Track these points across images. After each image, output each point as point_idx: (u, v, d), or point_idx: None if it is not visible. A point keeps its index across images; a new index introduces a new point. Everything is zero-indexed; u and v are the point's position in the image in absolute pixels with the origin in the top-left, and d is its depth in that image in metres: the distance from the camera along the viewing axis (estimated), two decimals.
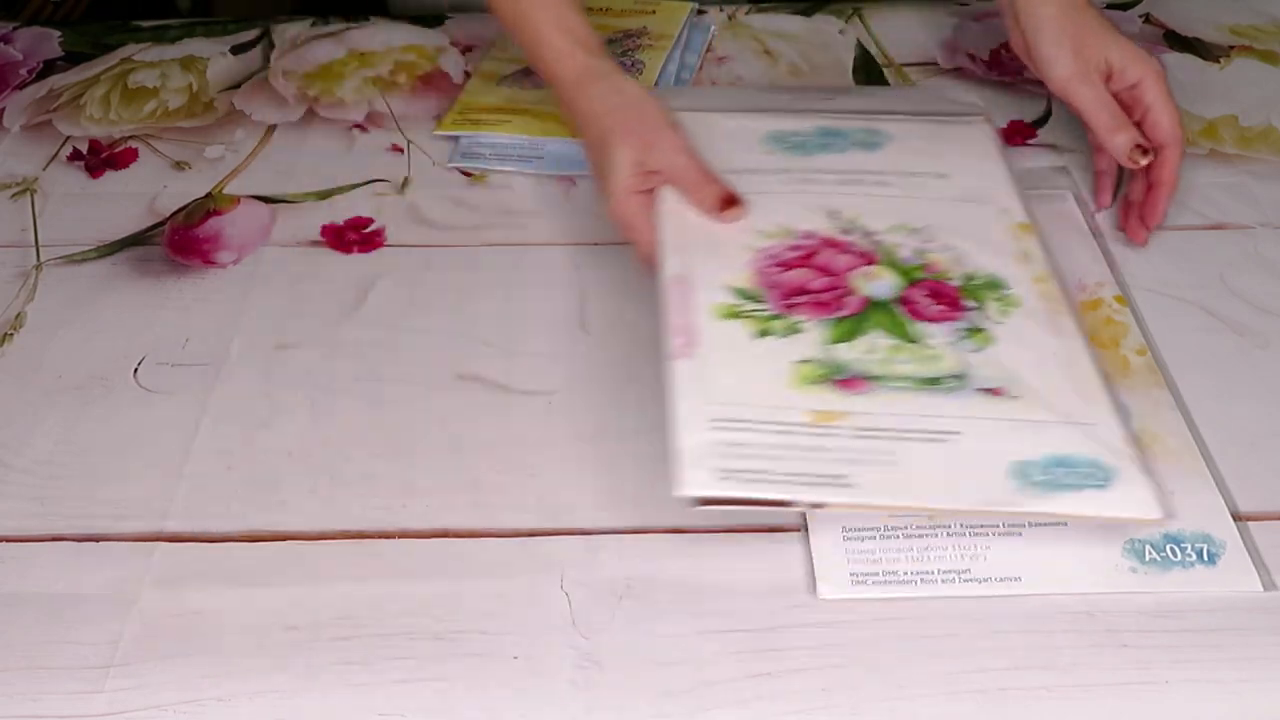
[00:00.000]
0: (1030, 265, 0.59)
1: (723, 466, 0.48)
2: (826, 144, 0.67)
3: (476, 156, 0.77)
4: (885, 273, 0.57)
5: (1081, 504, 0.48)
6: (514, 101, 0.80)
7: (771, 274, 0.57)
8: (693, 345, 0.53)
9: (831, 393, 0.52)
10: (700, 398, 0.51)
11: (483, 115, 0.79)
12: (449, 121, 0.79)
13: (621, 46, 0.83)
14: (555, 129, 0.77)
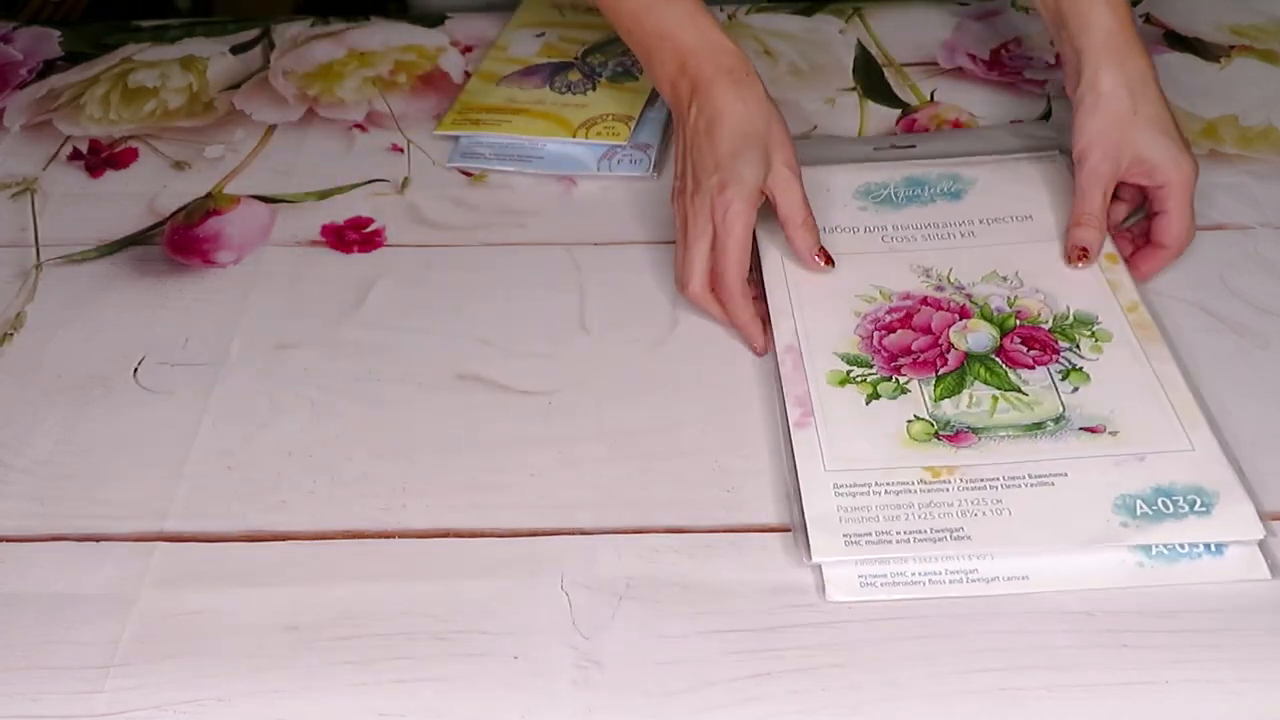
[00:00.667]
0: (1120, 294, 0.61)
1: (846, 532, 0.50)
2: (914, 194, 0.69)
3: (476, 156, 0.76)
4: (980, 325, 0.60)
5: (1185, 532, 0.49)
6: (514, 101, 0.79)
7: (875, 337, 0.60)
8: (810, 414, 0.56)
9: (941, 448, 0.54)
10: (821, 465, 0.53)
11: (483, 115, 0.78)
12: (449, 121, 0.79)
13: (621, 46, 0.82)
14: (555, 129, 0.76)
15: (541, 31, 0.87)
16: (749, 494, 0.54)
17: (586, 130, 0.76)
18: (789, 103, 0.80)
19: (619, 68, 0.82)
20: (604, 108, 0.78)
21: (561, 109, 0.78)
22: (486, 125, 0.78)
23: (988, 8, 0.90)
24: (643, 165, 0.75)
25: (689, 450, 0.56)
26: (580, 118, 0.77)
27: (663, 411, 0.59)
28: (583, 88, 0.81)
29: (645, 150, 0.75)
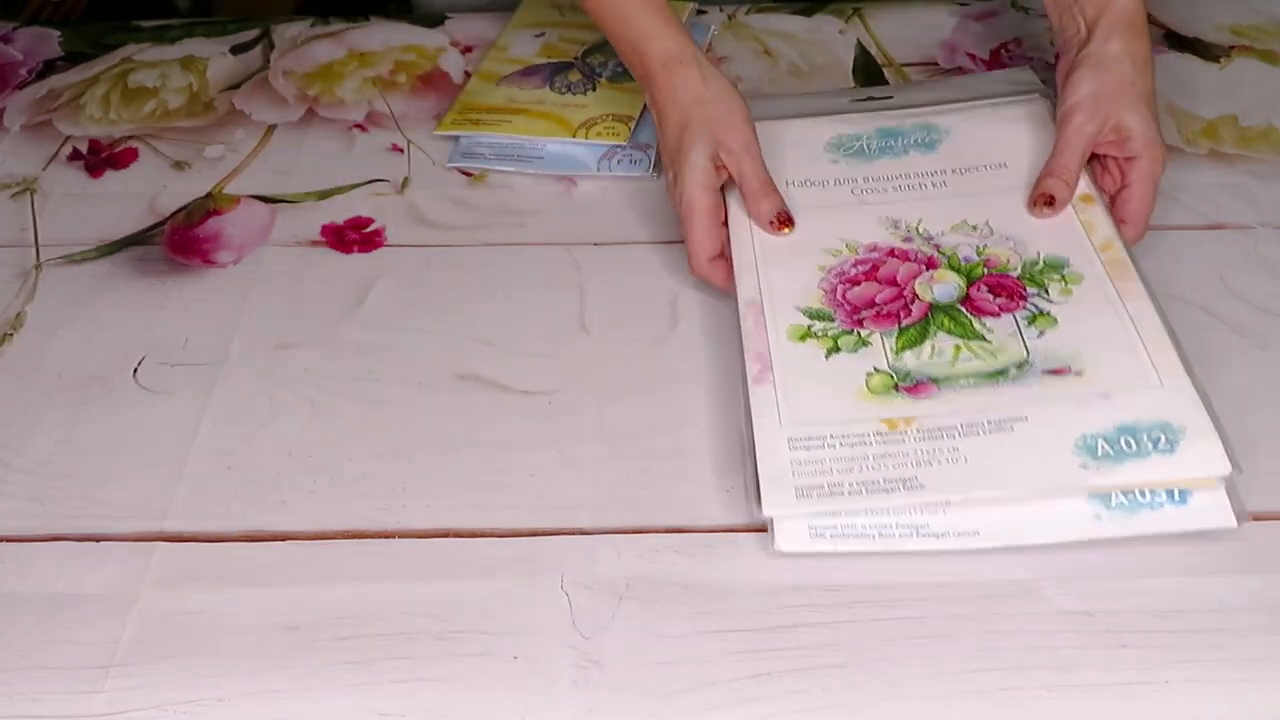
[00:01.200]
0: (1095, 234, 0.61)
1: (798, 484, 0.50)
2: (886, 146, 0.69)
3: (476, 156, 0.76)
4: (947, 275, 0.59)
5: (1148, 471, 0.48)
6: (514, 101, 0.79)
7: (839, 290, 0.59)
8: (768, 370, 0.55)
9: (900, 399, 0.53)
10: (777, 421, 0.53)
11: (483, 115, 0.78)
12: (449, 121, 0.79)
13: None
14: (555, 129, 0.77)
15: (541, 32, 0.87)
16: (748, 494, 0.54)
17: (586, 130, 0.76)
18: None
19: (619, 68, 0.81)
20: (604, 108, 0.78)
21: (561, 109, 0.78)
22: (486, 125, 0.78)
23: (988, 8, 0.90)
24: (642, 165, 0.75)
25: (689, 450, 0.56)
26: (580, 118, 0.77)
27: (663, 411, 0.58)
28: (583, 88, 0.81)
29: (645, 150, 0.75)
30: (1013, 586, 0.50)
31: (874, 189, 0.66)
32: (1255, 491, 0.53)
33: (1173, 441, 0.49)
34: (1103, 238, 0.60)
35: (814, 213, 0.64)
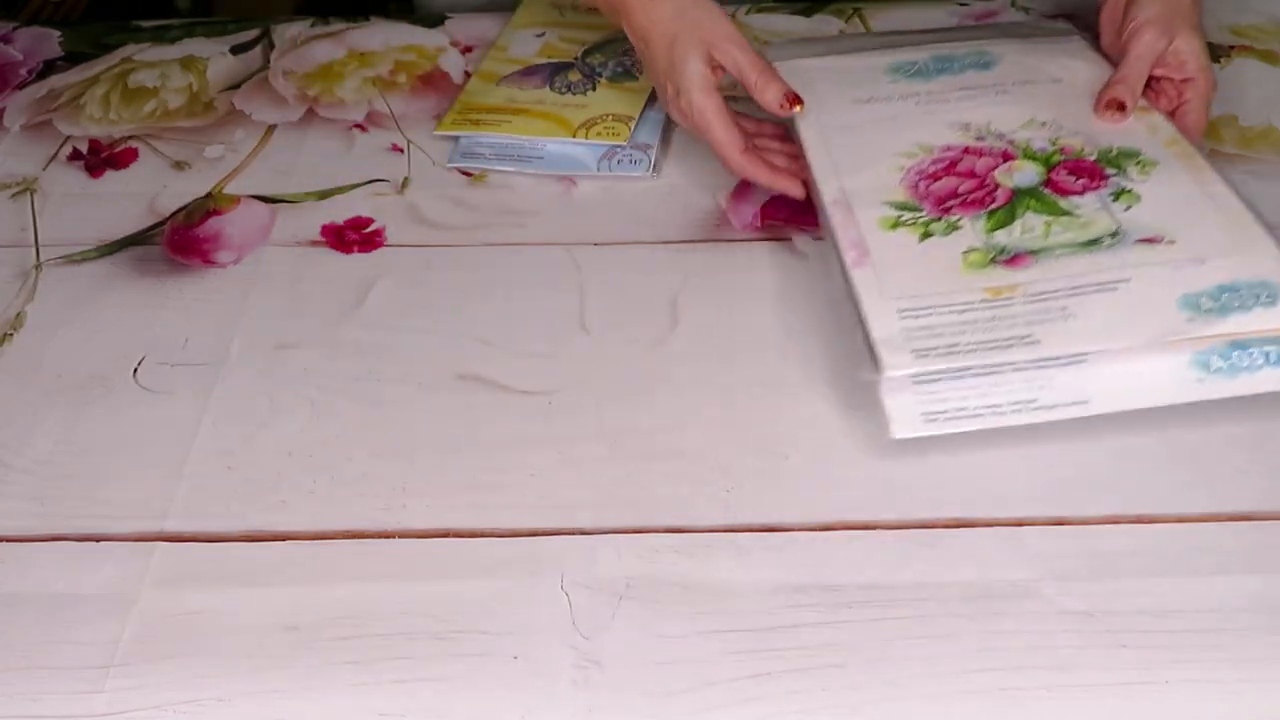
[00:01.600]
0: (1159, 134, 0.64)
1: (914, 347, 0.53)
2: (943, 68, 0.72)
3: (476, 156, 0.76)
4: (1025, 164, 0.62)
5: (1253, 322, 0.51)
6: (514, 101, 0.79)
7: (922, 185, 0.62)
8: (866, 255, 0.58)
9: (1000, 270, 0.55)
10: (883, 295, 0.56)
11: (483, 115, 0.78)
12: (449, 121, 0.79)
13: (622, 46, 0.82)
14: (555, 129, 0.76)
15: (541, 32, 0.87)
16: (749, 494, 0.54)
17: (586, 130, 0.76)
18: None
19: (619, 68, 0.82)
20: (604, 108, 0.78)
21: (561, 109, 0.78)
22: (487, 125, 0.77)
23: (988, 8, 0.90)
24: (642, 165, 0.75)
25: (689, 450, 0.56)
26: (580, 118, 0.77)
27: (663, 411, 0.59)
28: (583, 88, 0.80)
29: (645, 150, 0.75)
30: (1013, 587, 0.50)
31: (938, 100, 0.69)
32: (1255, 491, 0.53)
33: (1273, 296, 0.51)
34: (1167, 135, 0.64)
35: (884, 123, 0.67)
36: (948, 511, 0.53)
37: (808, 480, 0.55)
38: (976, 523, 0.52)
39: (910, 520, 0.53)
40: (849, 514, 0.53)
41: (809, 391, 0.59)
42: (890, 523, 0.52)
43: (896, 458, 0.55)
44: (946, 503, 0.53)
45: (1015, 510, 0.53)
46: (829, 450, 0.56)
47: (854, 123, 0.68)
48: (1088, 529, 0.52)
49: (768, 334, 0.62)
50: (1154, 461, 0.54)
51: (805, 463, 0.55)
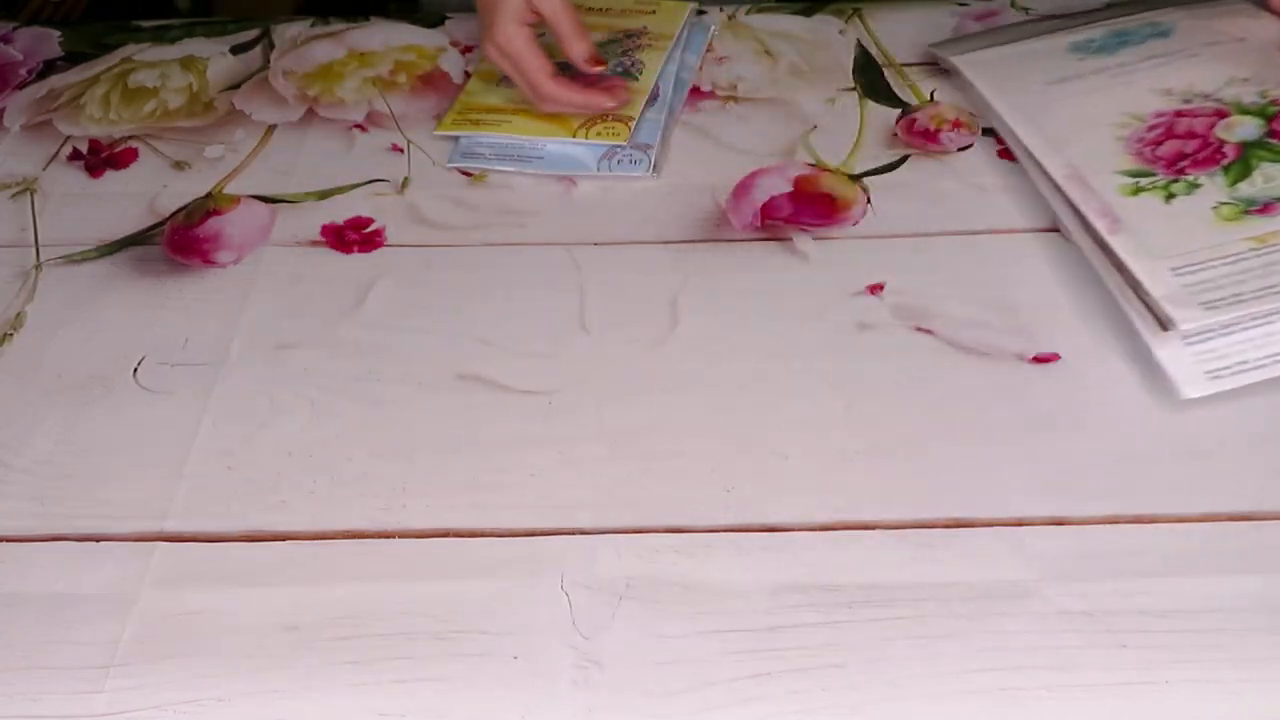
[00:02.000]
0: None
1: (1201, 300, 0.54)
2: (1122, 42, 0.74)
3: (476, 156, 0.76)
4: (1242, 119, 0.64)
5: None
6: (514, 101, 0.79)
7: (1147, 152, 0.63)
8: (1117, 221, 0.59)
9: (1256, 220, 0.57)
10: (1151, 256, 0.57)
11: (482, 115, 0.78)
12: (449, 121, 0.79)
13: (621, 46, 0.83)
14: (555, 129, 0.76)
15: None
16: (749, 494, 0.54)
17: (586, 130, 0.76)
18: (789, 102, 0.80)
19: (618, 68, 0.81)
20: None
21: (563, 110, 0.78)
22: (486, 125, 0.77)
23: (988, 8, 0.90)
24: (642, 165, 0.74)
25: (689, 450, 0.56)
26: (580, 118, 0.77)
27: (663, 411, 0.59)
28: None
29: (645, 151, 0.75)
30: (1013, 586, 0.50)
31: (1130, 71, 0.71)
32: (1255, 491, 0.53)
33: None
34: None
35: (1085, 98, 0.69)
36: (948, 511, 0.53)
37: (808, 480, 0.55)
38: (976, 523, 0.52)
39: (910, 520, 0.53)
40: (849, 514, 0.53)
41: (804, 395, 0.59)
42: (890, 523, 0.53)
43: (896, 457, 0.55)
44: (946, 503, 0.53)
45: (1015, 510, 0.53)
46: (829, 450, 0.56)
47: (1054, 102, 0.70)
48: (1088, 529, 0.52)
49: (768, 334, 0.62)
50: (1154, 461, 0.54)
51: (805, 463, 0.55)
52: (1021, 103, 0.71)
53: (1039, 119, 0.69)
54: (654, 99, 0.79)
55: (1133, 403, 0.57)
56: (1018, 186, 0.71)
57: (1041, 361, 0.60)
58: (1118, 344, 0.60)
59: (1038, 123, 0.69)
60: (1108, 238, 0.59)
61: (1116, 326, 0.61)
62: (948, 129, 0.78)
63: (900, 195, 0.72)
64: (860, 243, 0.67)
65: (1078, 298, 0.63)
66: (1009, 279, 0.65)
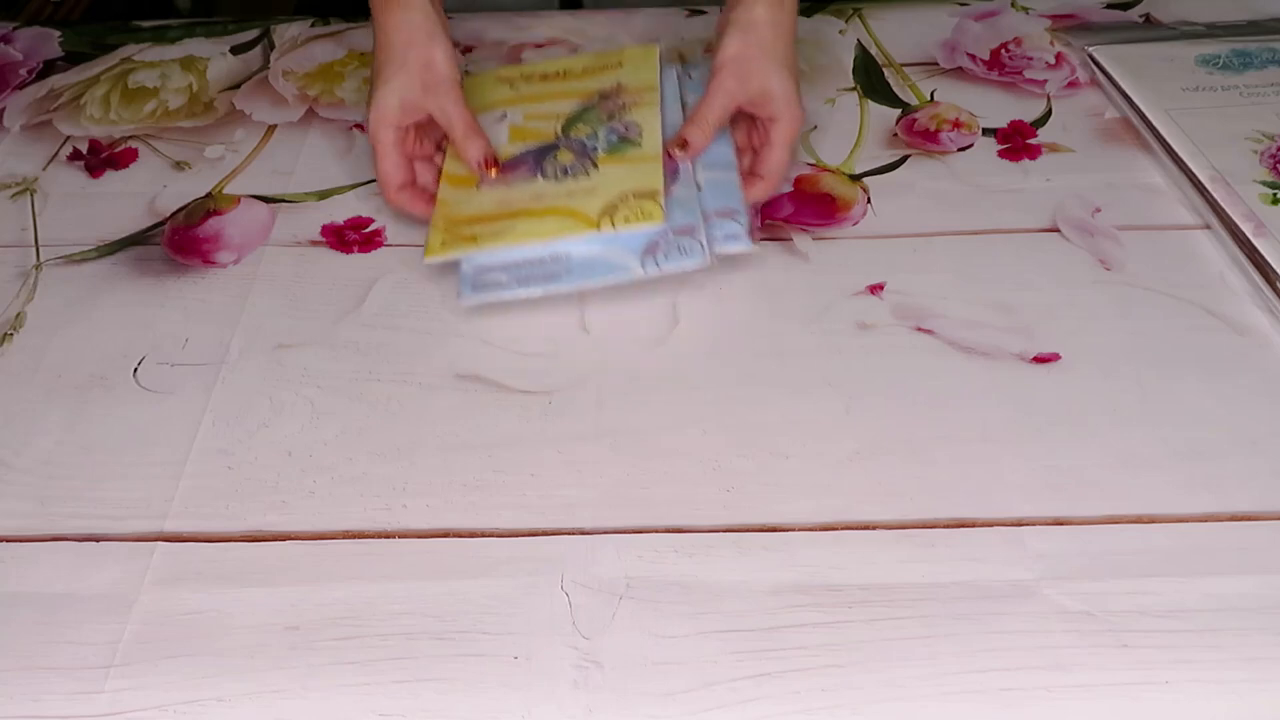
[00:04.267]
0: None
1: None
2: (1245, 63, 0.80)
3: (492, 286, 0.63)
4: None
5: None
6: (507, 205, 0.66)
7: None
8: (1263, 225, 0.65)
9: None
10: None
11: (475, 227, 0.65)
12: (437, 243, 0.65)
13: (604, 111, 0.71)
14: (571, 224, 0.63)
15: (501, 114, 0.73)
16: (749, 494, 0.54)
17: (611, 218, 0.62)
18: None
19: (613, 135, 0.69)
20: (618, 185, 0.65)
21: (568, 199, 0.65)
22: (486, 239, 0.64)
23: (988, 8, 0.90)
24: (696, 255, 0.62)
25: (689, 450, 0.56)
26: (596, 205, 0.64)
27: (663, 411, 0.59)
28: (581, 168, 0.67)
29: (692, 234, 0.63)
30: (1013, 587, 0.50)
31: (1257, 92, 0.77)
32: (1255, 491, 0.53)
33: None
34: None
35: (1219, 111, 0.75)
36: (948, 511, 0.53)
37: (808, 480, 0.55)
38: (976, 523, 0.52)
39: (910, 520, 0.53)
40: (849, 514, 0.53)
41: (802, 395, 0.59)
42: (890, 523, 0.53)
43: (896, 457, 0.55)
44: (946, 503, 0.53)
45: (1015, 510, 0.53)
46: (829, 450, 0.56)
47: (1191, 108, 0.75)
48: (1088, 529, 0.52)
49: (768, 334, 0.62)
50: (1154, 461, 0.54)
51: (805, 463, 0.55)
52: (1162, 102, 0.75)
53: (1179, 120, 0.73)
54: (674, 172, 0.67)
55: (1133, 403, 0.57)
56: (1018, 186, 0.72)
57: (1041, 361, 0.60)
58: (1118, 344, 0.61)
59: (1179, 124, 0.73)
60: (1254, 239, 0.64)
61: (1116, 326, 0.61)
62: (948, 129, 0.78)
63: (900, 195, 0.72)
64: (860, 243, 0.67)
65: (1078, 298, 0.63)
66: (1009, 279, 0.65)
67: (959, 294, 0.64)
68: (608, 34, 0.89)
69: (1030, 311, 0.63)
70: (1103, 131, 0.77)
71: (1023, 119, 0.78)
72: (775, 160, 0.68)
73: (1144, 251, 0.66)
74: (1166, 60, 0.81)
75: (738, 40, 0.67)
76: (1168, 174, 0.72)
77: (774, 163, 0.68)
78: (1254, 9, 0.89)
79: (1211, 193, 0.68)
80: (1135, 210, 0.69)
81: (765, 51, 0.67)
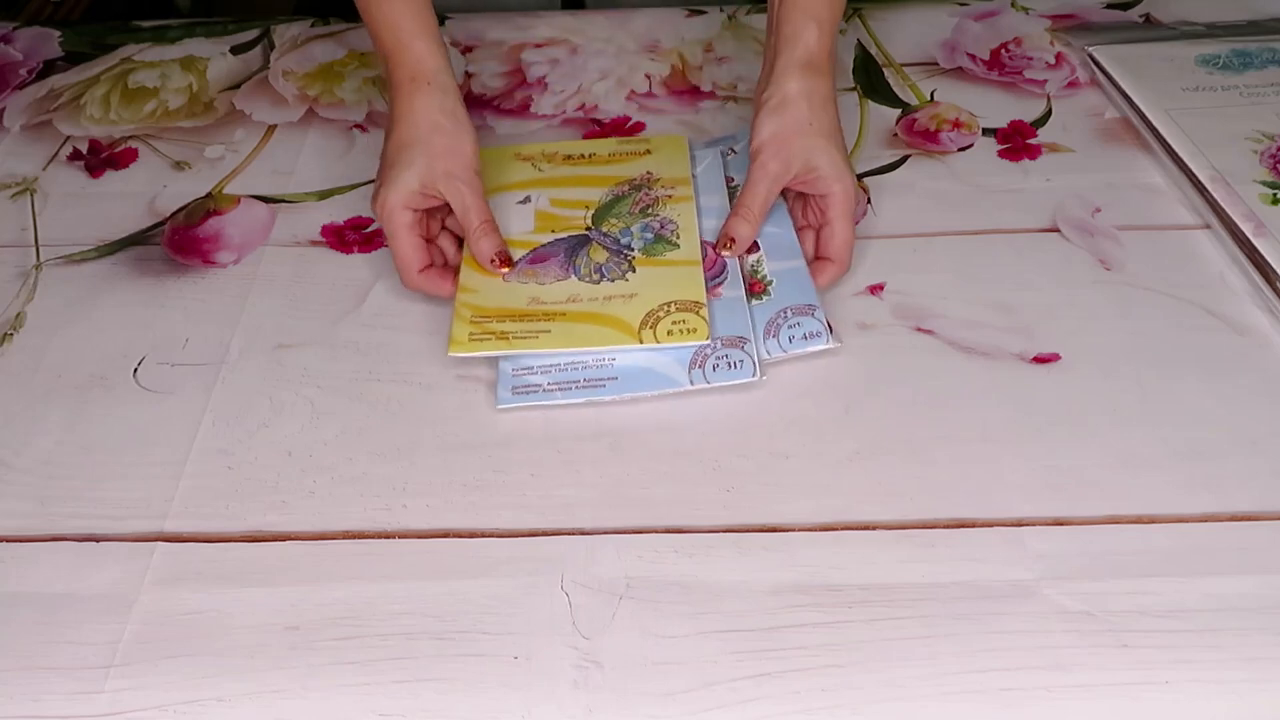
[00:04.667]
0: None
1: None
2: (1245, 63, 0.81)
3: (532, 391, 0.59)
4: None
5: None
6: (539, 302, 0.62)
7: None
8: (1262, 225, 0.65)
9: None
10: None
11: (507, 325, 0.61)
12: (463, 337, 0.60)
13: (636, 203, 0.68)
14: (612, 334, 0.60)
15: (524, 197, 0.70)
16: (749, 494, 0.54)
17: (654, 329, 0.59)
18: None
19: (648, 232, 0.66)
20: (659, 293, 0.61)
21: (605, 304, 0.61)
22: (520, 341, 0.60)
23: (988, 8, 0.90)
24: (746, 369, 0.58)
25: (689, 450, 0.56)
26: (637, 313, 0.60)
27: (663, 411, 0.58)
28: (618, 268, 0.63)
29: (741, 346, 0.59)
30: (1013, 587, 0.50)
31: (1257, 92, 0.77)
32: (1255, 491, 0.53)
33: None
34: None
35: (1218, 111, 0.75)
36: (948, 511, 0.53)
37: (808, 480, 0.55)
38: (976, 523, 0.52)
39: (910, 520, 0.53)
40: (849, 514, 0.53)
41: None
42: (890, 523, 0.53)
43: (896, 457, 0.55)
44: (946, 503, 0.53)
45: (1015, 510, 0.53)
46: (829, 450, 0.56)
47: (1191, 108, 0.75)
48: (1088, 529, 0.52)
49: None
50: (1154, 461, 0.54)
51: (805, 463, 0.55)
52: (1162, 102, 0.76)
53: (1179, 120, 0.74)
54: (720, 272, 0.63)
55: (1133, 403, 0.57)
56: (1018, 186, 0.72)
57: (1041, 361, 0.60)
58: (1118, 344, 0.61)
59: (1179, 124, 0.74)
60: (1254, 239, 0.64)
61: (1116, 326, 0.61)
62: (948, 129, 0.78)
63: (900, 195, 0.72)
64: (860, 243, 0.67)
65: (1078, 298, 0.63)
66: (1009, 279, 0.65)
67: (959, 294, 0.64)
68: (608, 34, 0.89)
69: (1030, 311, 0.63)
70: (1103, 131, 0.77)
71: (1023, 119, 0.78)
72: (840, 239, 0.63)
73: (1144, 251, 0.66)
74: (1166, 60, 0.81)
75: (772, 121, 0.64)
76: (1168, 174, 0.72)
77: (839, 242, 0.63)
78: (1254, 9, 0.89)
79: (1211, 193, 0.69)
80: (1135, 210, 0.69)
81: (802, 127, 0.63)
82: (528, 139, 0.78)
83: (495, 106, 0.82)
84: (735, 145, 0.74)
